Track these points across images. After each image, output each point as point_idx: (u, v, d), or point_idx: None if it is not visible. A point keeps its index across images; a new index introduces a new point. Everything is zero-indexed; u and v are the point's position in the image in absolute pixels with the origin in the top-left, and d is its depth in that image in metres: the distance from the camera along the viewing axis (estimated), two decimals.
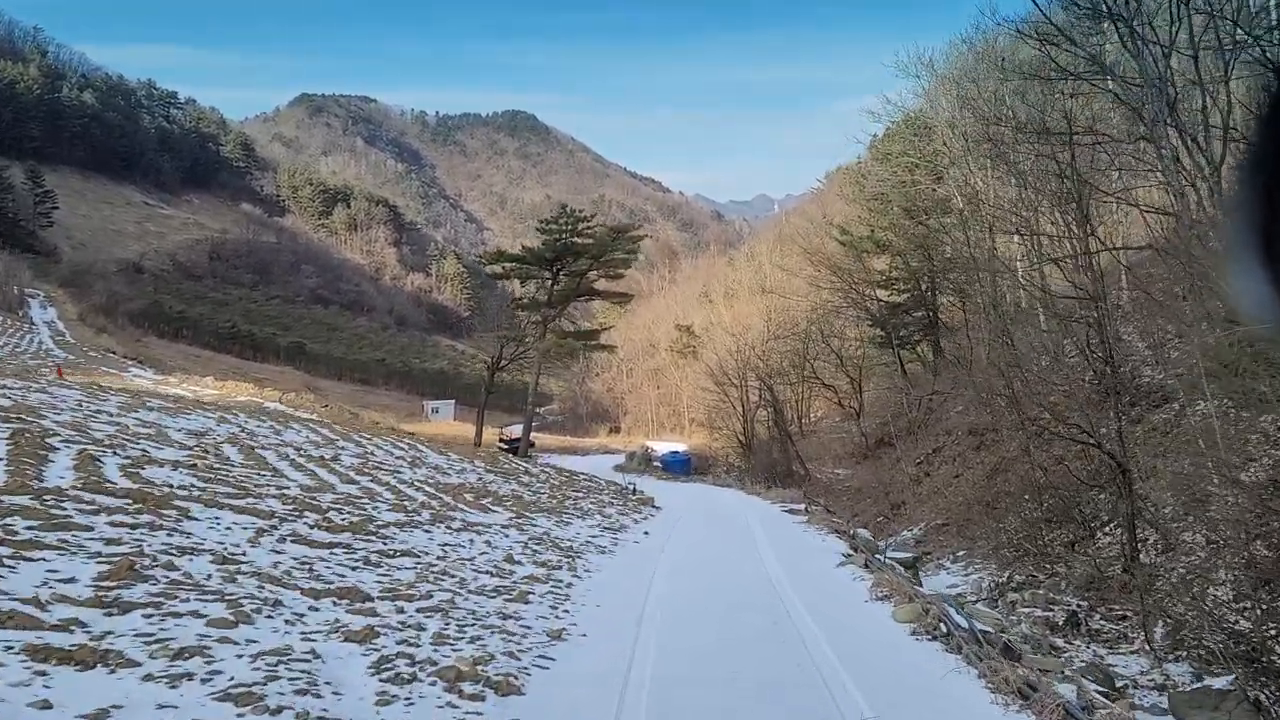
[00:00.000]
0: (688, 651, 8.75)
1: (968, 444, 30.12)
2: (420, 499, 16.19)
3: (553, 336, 36.42)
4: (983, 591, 20.83)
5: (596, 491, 25.73)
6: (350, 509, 13.09)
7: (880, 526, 29.93)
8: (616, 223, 36.16)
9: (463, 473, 23.12)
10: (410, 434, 46.40)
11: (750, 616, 10.57)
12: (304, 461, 18.91)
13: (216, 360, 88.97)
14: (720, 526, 22.07)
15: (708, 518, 23.95)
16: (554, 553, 13.68)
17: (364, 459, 22.11)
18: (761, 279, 52.99)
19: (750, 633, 9.78)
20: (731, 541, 18.82)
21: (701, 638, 9.40)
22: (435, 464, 24.01)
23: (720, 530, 21.13)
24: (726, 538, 19.52)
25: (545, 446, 52.67)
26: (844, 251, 41.42)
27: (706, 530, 21.07)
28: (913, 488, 30.63)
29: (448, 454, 28.37)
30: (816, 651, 9.16)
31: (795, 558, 16.41)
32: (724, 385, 46.66)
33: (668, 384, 70.36)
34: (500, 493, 20.37)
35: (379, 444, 28.04)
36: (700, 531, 20.64)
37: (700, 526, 21.69)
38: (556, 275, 36.73)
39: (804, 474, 37.18)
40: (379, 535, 11.68)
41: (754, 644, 9.29)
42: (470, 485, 20.67)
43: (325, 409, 46.14)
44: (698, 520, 22.87)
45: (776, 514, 25.45)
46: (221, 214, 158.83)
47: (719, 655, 8.76)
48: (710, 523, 22.66)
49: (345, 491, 15.33)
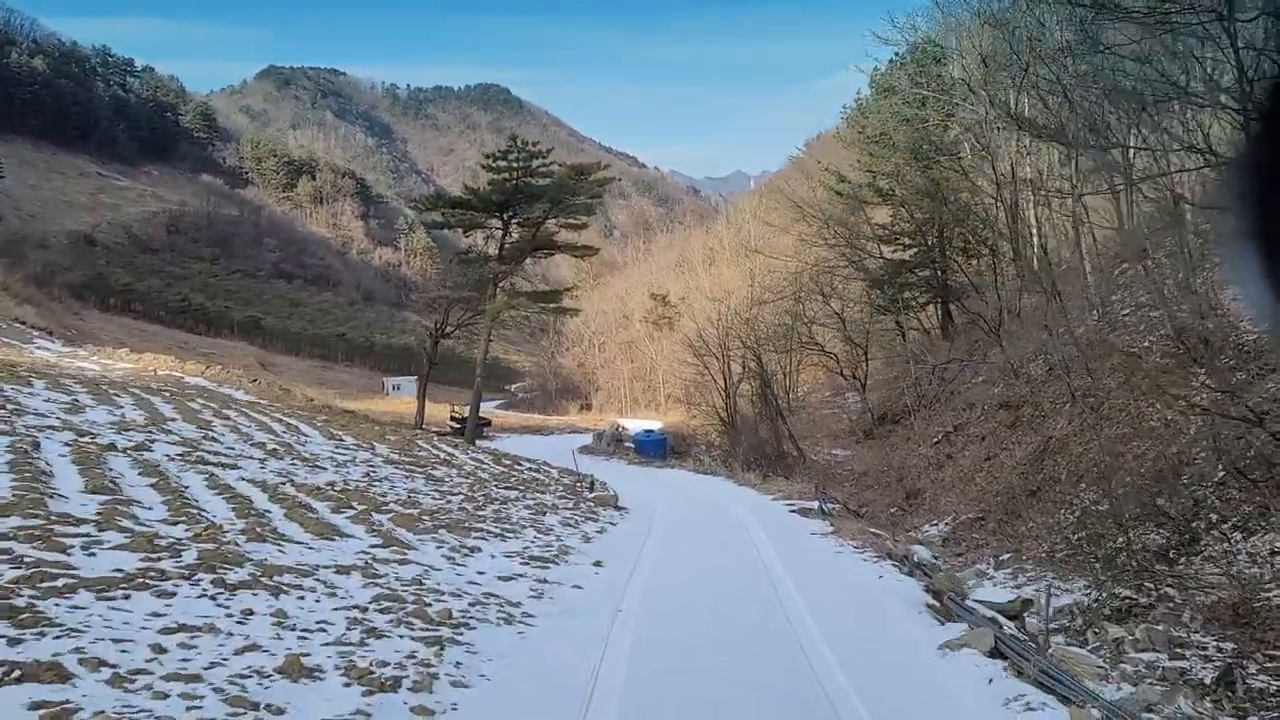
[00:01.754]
0: None
1: (999, 420, 24.61)
2: (220, 521, 10.04)
3: (503, 297, 30.40)
4: (1055, 615, 15.20)
5: (540, 488, 19.56)
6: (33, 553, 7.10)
7: (895, 520, 24.39)
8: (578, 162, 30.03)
9: (345, 465, 17.05)
10: (349, 412, 40.30)
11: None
12: (99, 451, 12.88)
13: (163, 335, 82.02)
14: (713, 546, 15.40)
15: (692, 528, 17.75)
16: (406, 635, 7.38)
17: (190, 449, 15.47)
18: (745, 239, 47.17)
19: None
20: (737, 582, 11.94)
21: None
22: (313, 453, 17.86)
23: (714, 553, 14.53)
24: (726, 571, 12.82)
25: (505, 426, 46.79)
26: (840, 203, 35.69)
27: (692, 554, 14.46)
28: (932, 472, 25.09)
29: (343, 437, 22.15)
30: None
31: (853, 619, 9.99)
32: (704, 356, 40.92)
33: (642, 358, 64.55)
34: (384, 498, 14.40)
35: (271, 423, 22.05)
36: (683, 557, 14.02)
37: (682, 546, 15.31)
38: (508, 224, 30.72)
39: (797, 455, 31.59)
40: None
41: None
42: (340, 486, 14.63)
43: (254, 385, 39.90)
44: (679, 533, 16.82)
45: (784, 517, 19.51)
46: (181, 186, 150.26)
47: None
48: (697, 536, 16.49)
49: (96, 508, 9.34)
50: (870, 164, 33.21)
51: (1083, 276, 26.03)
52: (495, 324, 32.58)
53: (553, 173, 30.32)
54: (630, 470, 27.60)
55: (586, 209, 31.26)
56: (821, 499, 20.69)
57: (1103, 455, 19.31)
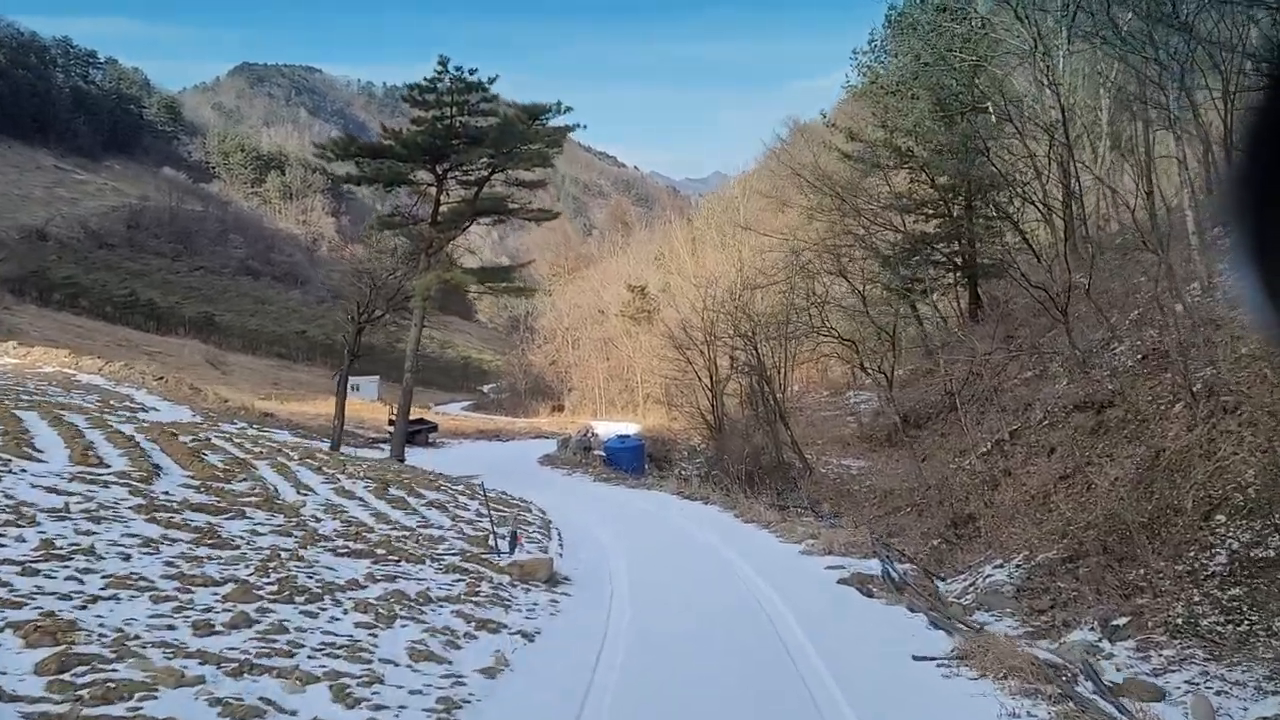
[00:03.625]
0: None
1: (1074, 425, 18.65)
2: None
3: (435, 271, 24.07)
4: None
5: (427, 545, 11.79)
6: None
7: (939, 554, 18.36)
8: (531, 105, 23.50)
9: (61, 516, 9.79)
10: (268, 415, 33.83)
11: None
12: None
13: (104, 333, 74.81)
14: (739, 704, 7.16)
15: (687, 643, 8.98)
16: None
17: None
18: (734, 215, 41.12)
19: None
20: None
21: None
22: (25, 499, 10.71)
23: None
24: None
25: (458, 431, 40.41)
26: (849, 169, 29.71)
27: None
28: (985, 492, 19.01)
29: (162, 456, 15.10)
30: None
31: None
32: (687, 350, 34.79)
33: (619, 355, 58.32)
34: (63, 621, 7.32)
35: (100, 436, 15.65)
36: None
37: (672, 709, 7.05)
38: (442, 179, 24.45)
39: (802, 466, 25.51)
40: None
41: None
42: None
43: (160, 383, 33.33)
44: (663, 663, 8.27)
45: (843, 600, 11.62)
46: (145, 181, 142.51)
47: None
48: (700, 670, 8.02)
49: None
50: (886, 119, 27.20)
51: (1165, 241, 20.13)
52: (430, 306, 26.26)
53: (497, 111, 23.92)
54: (594, 492, 21.12)
55: (541, 157, 24.81)
56: (884, 559, 13.53)
57: (1254, 475, 13.37)
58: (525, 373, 68.17)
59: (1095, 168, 22.56)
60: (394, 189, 27.93)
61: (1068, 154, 22.54)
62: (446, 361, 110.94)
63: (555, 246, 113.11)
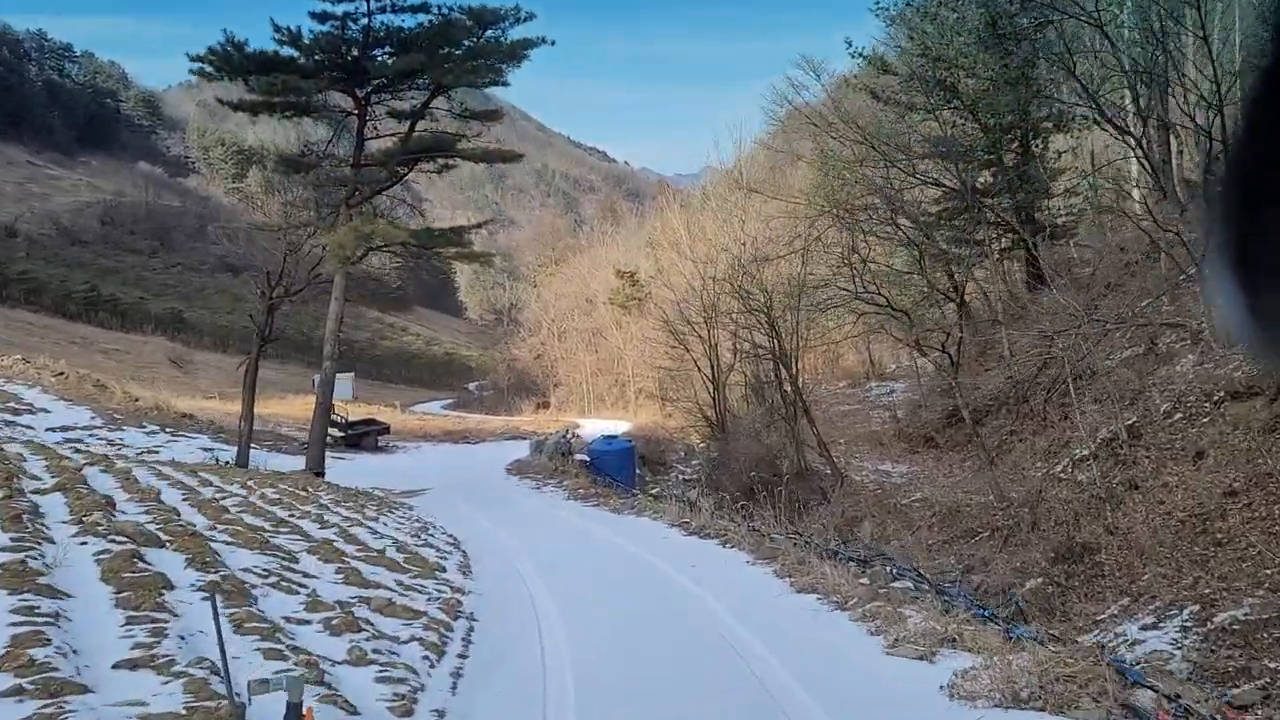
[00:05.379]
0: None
1: (1231, 418, 13.35)
2: None
3: (352, 226, 18.54)
4: None
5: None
6: None
7: (1045, 600, 12.99)
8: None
9: None
10: (187, 416, 28.26)
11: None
12: None
13: (58, 330, 68.88)
14: None
15: None
16: None
17: None
18: (738, 177, 35.61)
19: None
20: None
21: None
22: None
23: None
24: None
25: (420, 432, 34.85)
26: (875, 115, 24.27)
27: None
28: (1105, 512, 13.64)
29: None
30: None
31: None
32: (684, 336, 29.42)
33: (608, 347, 52.85)
34: None
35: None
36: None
37: None
38: (365, 104, 19.00)
39: (832, 473, 20.06)
40: None
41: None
42: None
43: (60, 379, 27.70)
44: None
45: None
46: (122, 177, 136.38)
47: None
48: None
49: None
50: (932, 45, 21.72)
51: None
52: (346, 271, 20.63)
53: (430, 4, 18.11)
54: (565, 522, 14.92)
55: (492, 72, 18.98)
56: None
57: None
58: (509, 368, 62.64)
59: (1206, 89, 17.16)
60: (300, 118, 22.42)
61: (1168, 68, 17.15)
62: (431, 358, 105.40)
63: (545, 239, 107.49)
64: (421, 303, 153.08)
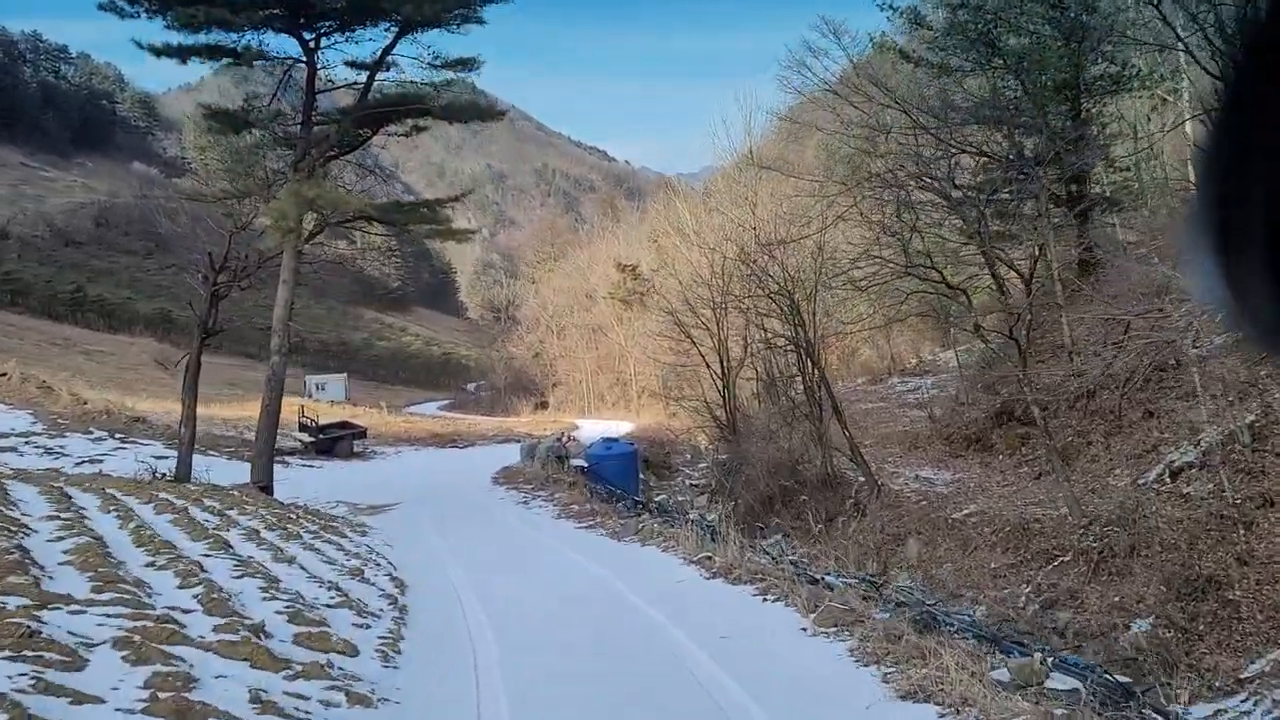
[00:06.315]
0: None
1: None
2: None
3: (291, 189, 15.72)
4: None
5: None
6: None
7: (1163, 648, 10.16)
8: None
9: None
10: (139, 421, 25.50)
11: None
12: None
13: (41, 331, 66.30)
14: None
15: None
16: None
17: None
18: (748, 154, 32.74)
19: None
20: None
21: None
22: None
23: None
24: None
25: (405, 435, 32.05)
26: (902, 75, 21.46)
27: None
28: (1234, 537, 10.80)
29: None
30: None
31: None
32: (691, 329, 26.63)
33: (609, 344, 50.06)
34: None
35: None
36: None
37: None
38: (315, 51, 16.29)
39: (866, 480, 17.22)
40: None
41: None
42: None
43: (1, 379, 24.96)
44: None
45: None
46: (118, 178, 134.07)
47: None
48: None
49: None
50: None
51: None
52: (298, 251, 17.78)
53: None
54: (552, 553, 11.21)
55: (463, 6, 16.14)
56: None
57: None
58: (506, 367, 59.84)
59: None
60: (237, 66, 19.64)
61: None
62: (429, 358, 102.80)
63: (544, 236, 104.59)
64: (422, 303, 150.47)
